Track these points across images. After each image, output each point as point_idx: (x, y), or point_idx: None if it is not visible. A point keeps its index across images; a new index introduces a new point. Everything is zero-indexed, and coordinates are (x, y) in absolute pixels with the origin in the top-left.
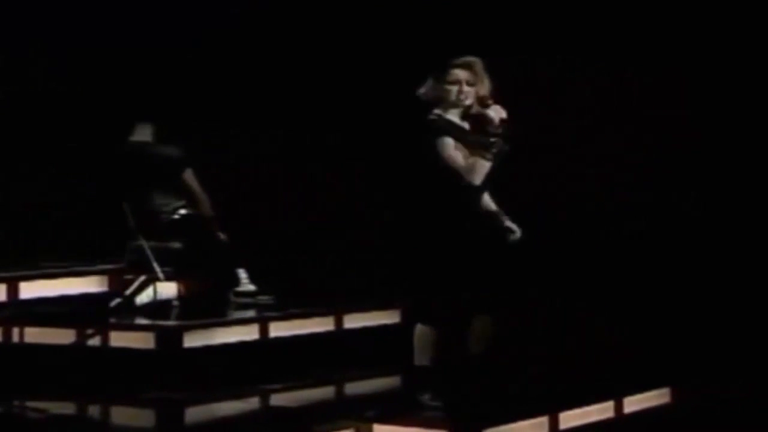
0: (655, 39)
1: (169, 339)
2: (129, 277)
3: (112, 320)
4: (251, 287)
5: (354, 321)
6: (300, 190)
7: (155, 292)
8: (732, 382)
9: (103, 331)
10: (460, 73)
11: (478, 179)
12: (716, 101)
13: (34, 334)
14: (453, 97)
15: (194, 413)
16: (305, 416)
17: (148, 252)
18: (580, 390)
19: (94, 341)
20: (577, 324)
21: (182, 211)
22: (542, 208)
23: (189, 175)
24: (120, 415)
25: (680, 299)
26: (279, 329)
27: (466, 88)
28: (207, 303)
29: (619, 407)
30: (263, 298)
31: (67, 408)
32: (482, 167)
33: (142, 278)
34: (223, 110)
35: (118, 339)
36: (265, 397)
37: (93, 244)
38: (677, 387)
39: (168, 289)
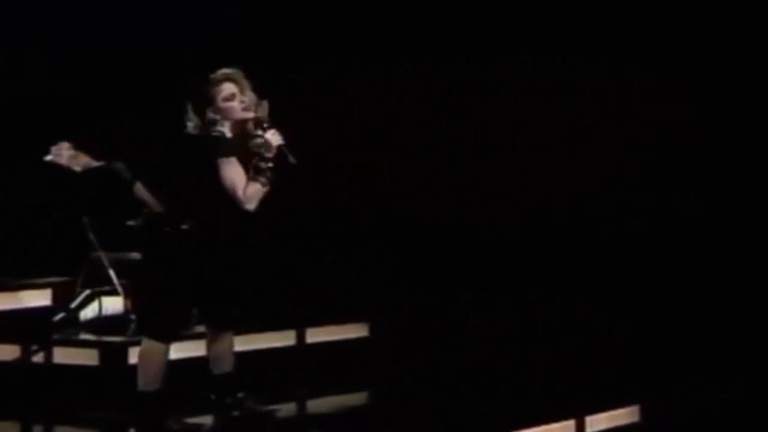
0: (655, 39)
1: (113, 355)
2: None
3: (56, 336)
4: None
5: (317, 335)
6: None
7: (101, 307)
8: (707, 400)
9: (47, 348)
10: (230, 87)
11: (253, 205)
12: (716, 101)
13: None
14: (237, 114)
15: None
16: None
17: (107, 263)
18: (540, 407)
19: (38, 358)
20: (541, 335)
21: (138, 221)
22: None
23: (139, 188)
24: None
25: (653, 312)
26: (237, 344)
27: (241, 97)
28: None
29: (581, 427)
30: None
31: (8, 428)
32: (258, 192)
33: (87, 292)
34: None
35: (62, 355)
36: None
37: (36, 257)
38: (647, 405)
39: (114, 304)
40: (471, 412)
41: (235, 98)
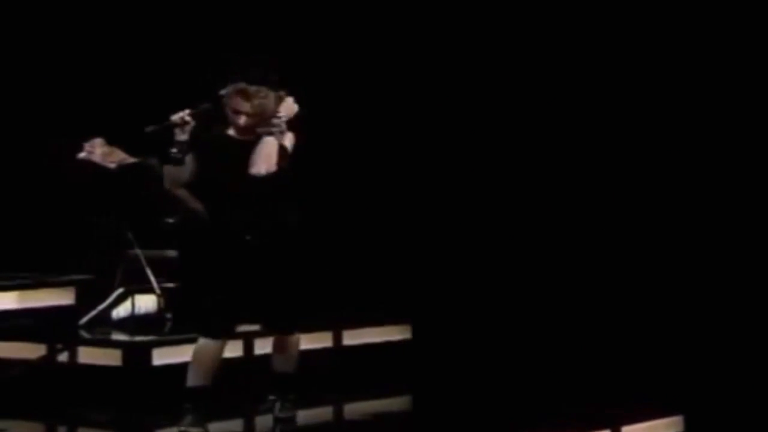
0: (654, 39)
1: (136, 356)
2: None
3: (86, 335)
4: None
5: (355, 337)
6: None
7: (134, 305)
8: (752, 408)
9: (71, 347)
10: (240, 103)
11: (166, 183)
12: (715, 101)
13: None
14: (233, 116)
15: None
16: None
17: (144, 261)
18: (573, 415)
19: (62, 357)
20: (573, 337)
21: (172, 219)
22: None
23: None
24: None
25: (701, 314)
26: (266, 346)
27: (244, 104)
28: None
29: None
30: None
31: (31, 428)
32: (167, 172)
33: (119, 291)
34: None
35: (86, 355)
36: (248, 420)
37: (59, 255)
38: (692, 415)
39: (147, 303)
40: (503, 418)
41: (239, 114)
